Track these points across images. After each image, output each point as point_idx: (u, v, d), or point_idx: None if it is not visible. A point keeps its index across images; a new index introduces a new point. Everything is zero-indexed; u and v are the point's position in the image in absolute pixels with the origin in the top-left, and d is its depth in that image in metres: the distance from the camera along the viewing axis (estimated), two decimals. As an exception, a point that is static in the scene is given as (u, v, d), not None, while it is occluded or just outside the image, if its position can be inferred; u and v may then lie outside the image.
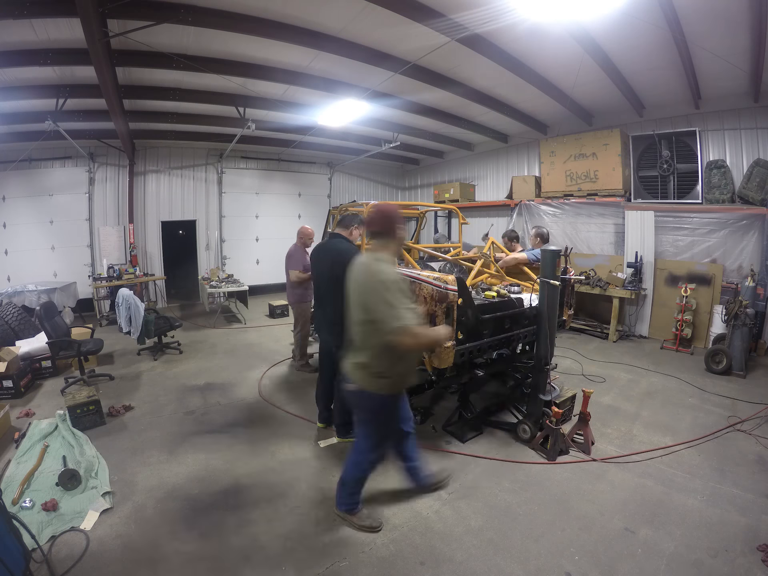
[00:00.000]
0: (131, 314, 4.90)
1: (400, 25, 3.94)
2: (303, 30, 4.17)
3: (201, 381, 4.63)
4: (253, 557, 2.18)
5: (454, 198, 8.86)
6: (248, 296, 7.38)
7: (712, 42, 4.12)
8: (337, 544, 2.27)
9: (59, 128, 5.64)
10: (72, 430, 3.32)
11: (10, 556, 1.86)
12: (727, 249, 5.62)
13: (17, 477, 2.76)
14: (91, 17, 3.25)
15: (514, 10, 3.39)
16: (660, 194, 6.12)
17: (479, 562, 2.15)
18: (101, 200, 8.04)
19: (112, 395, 4.16)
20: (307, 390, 4.37)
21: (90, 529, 2.35)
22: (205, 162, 9.00)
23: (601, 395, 4.14)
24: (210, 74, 4.82)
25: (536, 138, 7.81)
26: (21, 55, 4.27)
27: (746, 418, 3.61)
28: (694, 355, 5.43)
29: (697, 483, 2.75)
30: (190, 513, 2.51)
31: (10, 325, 5.31)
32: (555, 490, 2.71)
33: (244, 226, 9.58)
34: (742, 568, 2.06)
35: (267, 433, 3.49)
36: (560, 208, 7.32)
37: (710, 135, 5.78)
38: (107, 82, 4.35)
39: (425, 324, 2.63)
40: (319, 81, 5.43)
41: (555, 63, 4.92)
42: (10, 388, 4.14)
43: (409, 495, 2.63)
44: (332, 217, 5.94)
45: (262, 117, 6.61)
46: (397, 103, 6.15)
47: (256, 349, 5.85)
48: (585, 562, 2.12)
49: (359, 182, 11.25)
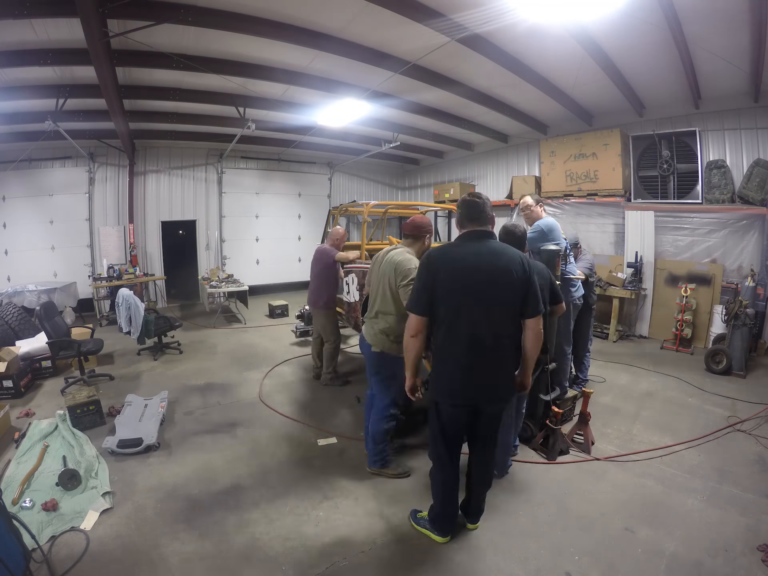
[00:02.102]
0: (131, 314, 4.90)
1: (400, 25, 3.94)
2: (303, 30, 4.17)
3: (201, 381, 4.63)
4: (253, 557, 2.18)
5: (454, 198, 8.85)
6: (248, 296, 7.39)
7: (712, 42, 4.12)
8: (337, 544, 2.26)
9: (59, 128, 5.63)
10: (72, 430, 3.32)
11: (10, 556, 1.85)
12: (727, 249, 5.62)
13: (17, 477, 2.76)
14: (91, 17, 3.25)
15: (514, 10, 3.38)
16: (660, 194, 6.12)
17: (479, 562, 2.15)
18: (101, 200, 8.04)
19: (112, 395, 4.16)
20: (307, 391, 4.38)
21: (90, 529, 2.35)
22: (205, 162, 9.00)
23: (601, 395, 4.14)
24: (210, 74, 4.82)
25: (536, 138, 7.81)
26: (21, 55, 4.26)
27: (746, 418, 3.61)
28: (694, 355, 5.42)
29: (697, 483, 2.75)
30: (190, 513, 2.51)
31: (10, 325, 5.31)
32: (555, 490, 2.71)
33: (244, 226, 9.59)
34: (742, 568, 2.06)
35: (267, 433, 3.49)
36: (560, 208, 7.31)
37: (710, 135, 5.78)
38: (107, 82, 4.35)
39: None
40: (319, 81, 5.43)
41: (555, 63, 4.92)
42: (10, 388, 4.13)
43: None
44: (332, 217, 5.94)
45: (262, 117, 6.60)
46: (397, 103, 6.15)
47: (256, 349, 5.84)
48: (585, 562, 2.12)
49: (359, 182, 11.25)
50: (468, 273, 1.93)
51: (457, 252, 2.02)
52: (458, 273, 1.95)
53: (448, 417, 2.10)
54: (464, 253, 1.99)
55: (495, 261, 1.94)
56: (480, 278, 1.93)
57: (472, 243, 2.00)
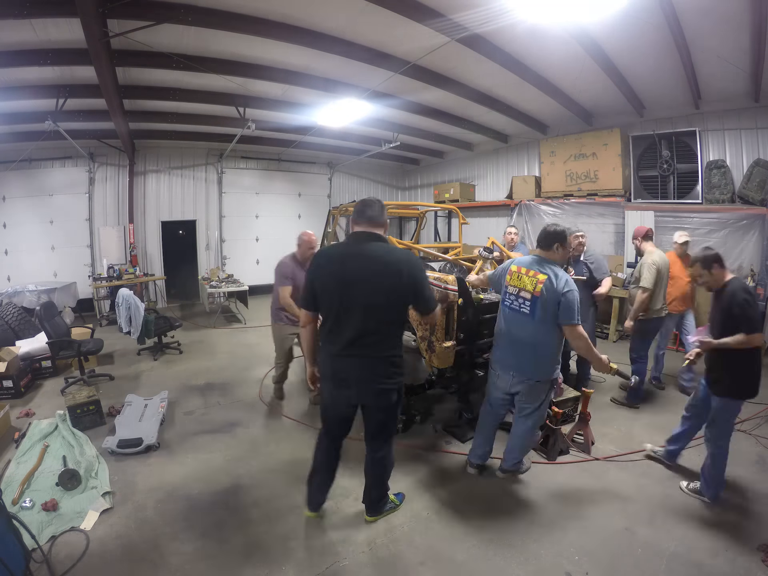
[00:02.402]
0: (131, 314, 4.90)
1: (400, 25, 3.94)
2: (303, 30, 4.17)
3: (201, 381, 4.63)
4: (253, 557, 2.18)
5: (454, 198, 8.86)
6: (248, 296, 7.38)
7: (713, 42, 4.12)
8: (337, 544, 2.26)
9: (59, 128, 5.63)
10: (72, 430, 3.32)
11: (10, 556, 1.85)
12: (727, 249, 5.60)
13: (17, 477, 2.76)
14: (91, 17, 3.25)
15: (513, 11, 3.38)
16: (660, 194, 6.12)
17: (479, 562, 2.15)
18: (101, 200, 8.04)
19: (112, 395, 4.16)
20: (307, 391, 4.36)
21: (90, 529, 2.35)
22: (205, 162, 9.00)
23: (602, 395, 4.14)
24: (210, 74, 4.82)
25: (536, 138, 7.81)
26: (21, 55, 4.26)
27: (746, 418, 3.60)
28: (694, 355, 5.42)
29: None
30: (190, 513, 2.51)
31: (10, 325, 5.31)
32: (555, 490, 2.71)
33: (244, 226, 9.58)
34: (742, 568, 2.06)
35: (267, 433, 3.49)
36: (560, 208, 7.31)
37: (710, 135, 5.78)
38: (107, 82, 4.35)
39: None
40: (319, 81, 5.43)
41: (555, 63, 4.92)
42: (10, 388, 4.13)
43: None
44: (332, 217, 5.94)
45: (262, 117, 6.60)
46: (397, 103, 6.15)
47: (256, 349, 5.84)
48: (585, 562, 2.12)
49: (359, 182, 11.25)
50: (343, 272, 1.98)
51: (336, 252, 2.12)
52: (335, 272, 2.00)
53: (330, 401, 2.24)
54: (336, 255, 2.07)
55: (367, 264, 1.98)
56: (353, 278, 1.97)
57: (348, 245, 2.10)
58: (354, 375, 2.07)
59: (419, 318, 2.16)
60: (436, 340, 2.86)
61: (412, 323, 3.16)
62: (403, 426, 3.44)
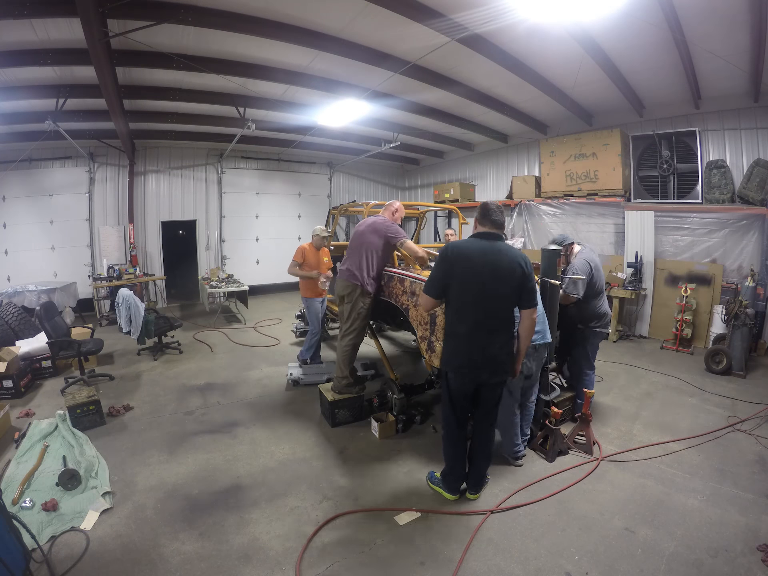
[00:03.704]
0: (131, 314, 4.90)
1: (400, 25, 3.94)
2: (303, 30, 4.17)
3: (201, 381, 4.63)
4: (253, 557, 2.18)
5: (454, 198, 8.86)
6: (248, 296, 7.39)
7: (713, 42, 4.12)
8: (337, 544, 2.27)
9: (59, 128, 5.64)
10: (72, 430, 3.32)
11: (10, 556, 1.86)
12: (727, 249, 5.62)
13: (17, 477, 2.76)
14: (91, 17, 3.25)
15: (514, 10, 3.38)
16: (660, 194, 6.12)
17: (479, 562, 2.15)
18: (101, 200, 8.04)
19: (112, 395, 4.16)
20: (307, 392, 4.37)
21: (90, 529, 2.35)
22: (205, 162, 9.00)
23: (601, 395, 4.14)
24: (210, 74, 4.82)
25: (536, 138, 7.82)
26: (21, 55, 4.26)
27: (746, 418, 3.61)
28: (694, 355, 5.42)
29: (697, 483, 2.75)
30: (190, 513, 2.51)
31: (10, 325, 5.31)
32: (555, 490, 2.71)
33: (244, 226, 9.59)
34: (742, 568, 2.06)
35: (267, 433, 3.49)
36: (560, 208, 7.32)
37: (710, 135, 5.78)
38: (107, 82, 4.34)
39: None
40: (319, 81, 5.43)
41: (555, 63, 4.92)
42: (10, 388, 4.14)
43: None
44: (332, 217, 5.95)
45: (262, 117, 6.61)
46: (397, 103, 6.15)
47: (256, 349, 5.84)
48: (585, 562, 2.12)
49: (359, 182, 11.25)
50: (484, 265, 2.28)
51: (469, 248, 2.35)
52: (477, 264, 2.29)
53: (456, 386, 2.46)
54: (475, 250, 2.33)
55: (498, 258, 2.30)
56: (485, 271, 2.28)
57: (482, 241, 2.35)
58: (484, 352, 2.34)
59: (521, 312, 2.40)
60: (436, 340, 2.86)
61: (412, 323, 3.16)
62: (403, 426, 3.44)
